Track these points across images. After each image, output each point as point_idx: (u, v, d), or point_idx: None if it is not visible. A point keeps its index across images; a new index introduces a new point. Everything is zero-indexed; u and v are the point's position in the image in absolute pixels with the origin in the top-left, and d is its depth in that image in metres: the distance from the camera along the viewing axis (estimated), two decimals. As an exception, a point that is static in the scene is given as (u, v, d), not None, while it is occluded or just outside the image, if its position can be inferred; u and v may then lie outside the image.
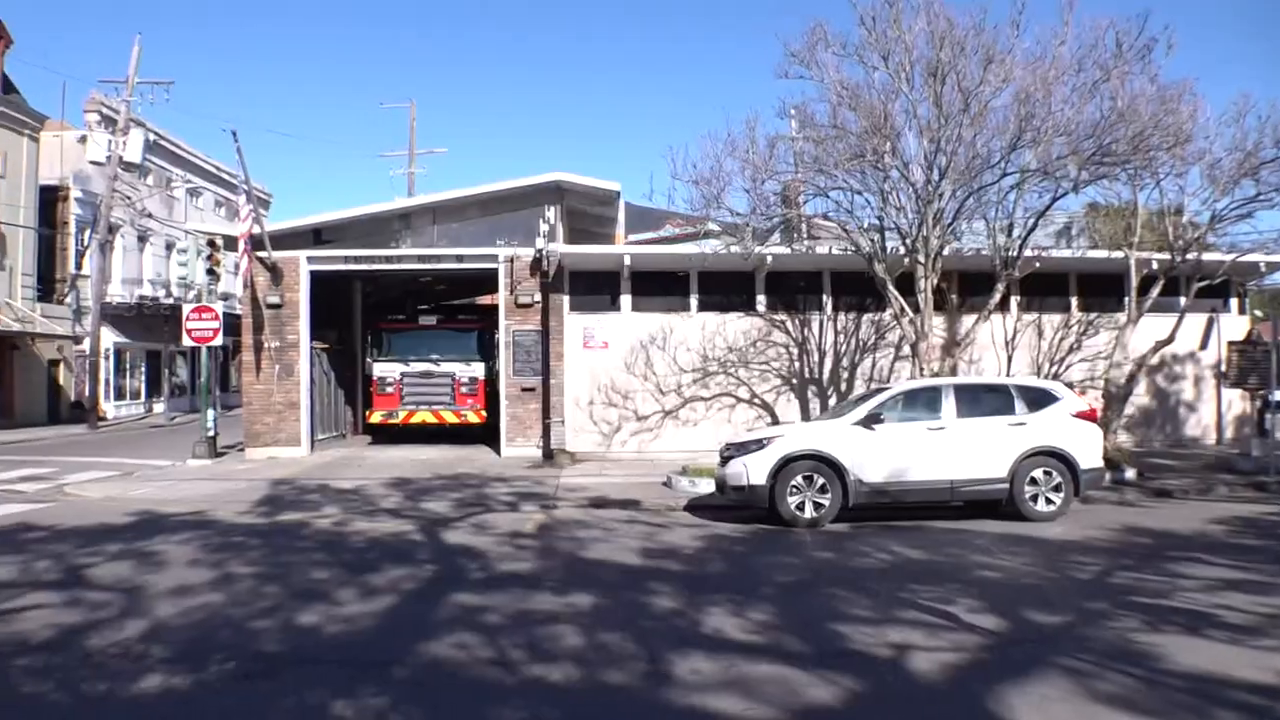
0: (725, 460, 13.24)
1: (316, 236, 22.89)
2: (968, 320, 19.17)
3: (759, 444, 12.90)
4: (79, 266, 39.70)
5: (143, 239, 44.66)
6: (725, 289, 21.27)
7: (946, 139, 15.61)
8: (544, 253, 20.91)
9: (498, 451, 21.95)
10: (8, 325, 34.19)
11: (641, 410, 21.09)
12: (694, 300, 21.28)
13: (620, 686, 6.04)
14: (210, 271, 23.19)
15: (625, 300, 21.23)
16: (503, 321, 22.05)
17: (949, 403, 13.12)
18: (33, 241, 36.78)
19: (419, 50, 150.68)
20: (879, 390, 14.18)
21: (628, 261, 20.76)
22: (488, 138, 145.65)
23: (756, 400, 21.16)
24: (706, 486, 14.80)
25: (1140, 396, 21.17)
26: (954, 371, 17.48)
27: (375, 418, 25.45)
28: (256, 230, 21.58)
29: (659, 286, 21.30)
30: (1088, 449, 13.09)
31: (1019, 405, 13.22)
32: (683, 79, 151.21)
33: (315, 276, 22.66)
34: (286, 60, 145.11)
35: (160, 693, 6.01)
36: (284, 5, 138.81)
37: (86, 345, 36.51)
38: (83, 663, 6.66)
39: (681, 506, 14.23)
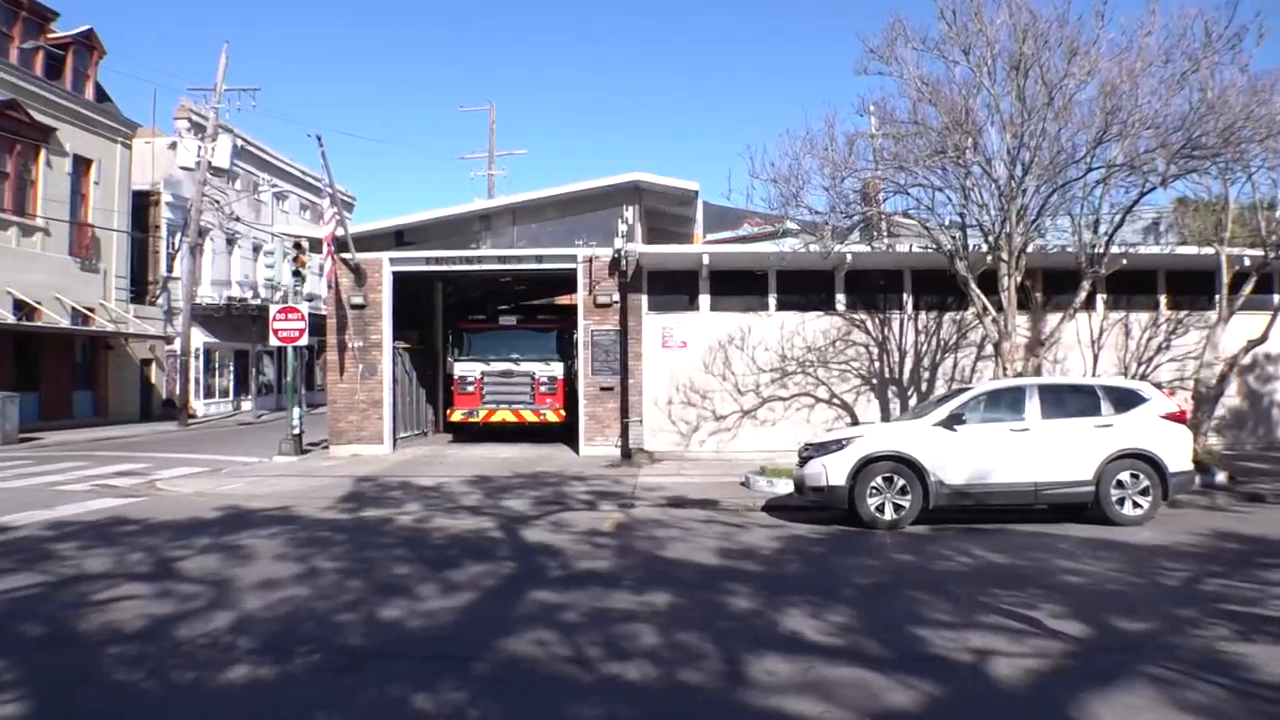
0: (804, 461, 13.16)
1: (399, 238, 23.25)
2: (1052, 319, 18.80)
3: (838, 444, 12.80)
4: (170, 269, 40.93)
5: (231, 242, 45.78)
6: (804, 288, 21.15)
7: (1030, 134, 15.34)
8: (622, 253, 20.99)
9: (576, 450, 22.09)
10: (103, 326, 35.32)
11: (720, 410, 21.06)
12: (773, 299, 21.20)
13: (697, 686, 6.05)
14: (296, 273, 23.67)
15: (704, 300, 21.22)
16: (581, 321, 22.18)
17: (1033, 403, 12.87)
18: (126, 245, 38.00)
19: (498, 52, 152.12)
20: (961, 390, 13.98)
21: (706, 261, 20.75)
22: (566, 139, 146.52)
23: (836, 400, 21.01)
24: (785, 487, 14.74)
25: (1231, 398, 20.60)
26: (1038, 371, 17.18)
27: (456, 416, 25.75)
28: (340, 232, 22.00)
29: (737, 286, 21.25)
30: (1177, 451, 12.75)
31: (1105, 406, 12.92)
32: (761, 78, 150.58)
33: (397, 277, 23.04)
34: (368, 65, 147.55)
35: (247, 683, 6.17)
36: (366, 10, 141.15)
37: (177, 345, 37.53)
38: (172, 652, 6.86)
39: (759, 507, 14.18)
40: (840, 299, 21.18)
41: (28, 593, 8.81)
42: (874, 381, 21.11)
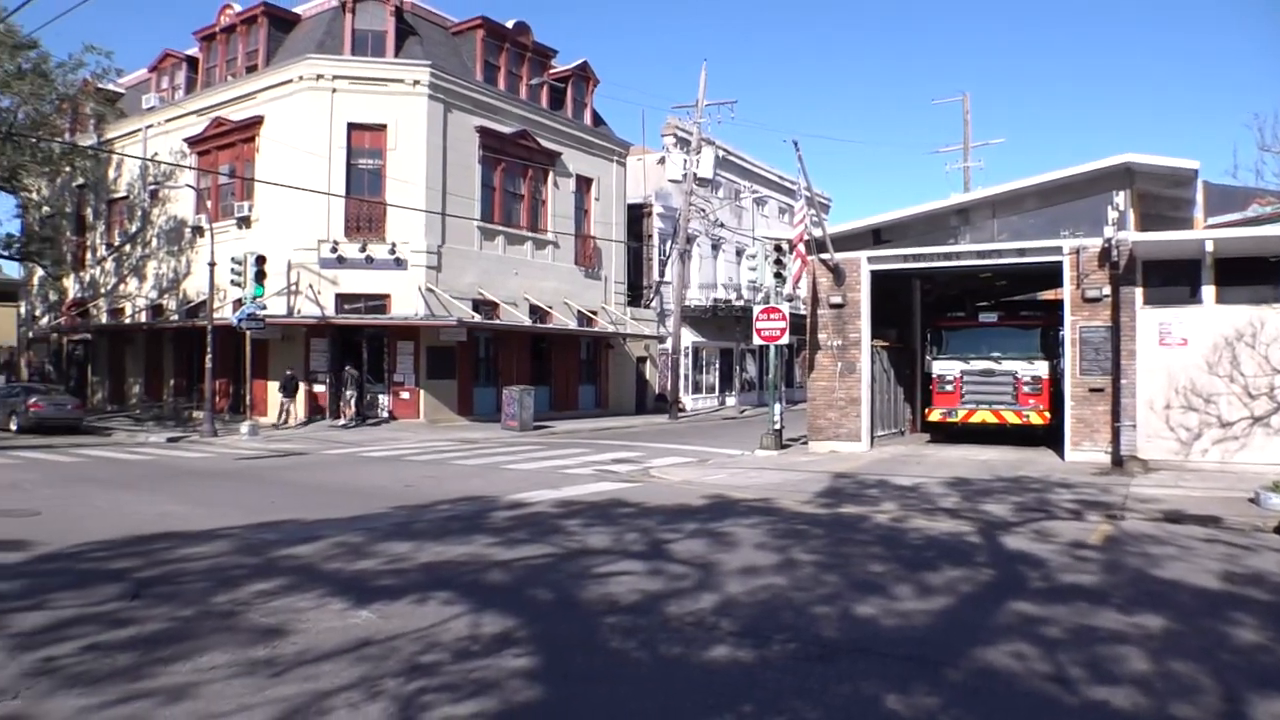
0: (1330, 476, 11.59)
1: (875, 237, 23.32)
2: None
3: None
4: (661, 274, 44.02)
5: (715, 247, 48.27)
6: (1331, 276, 18.55)
7: None
8: (1113, 242, 19.58)
9: (1060, 455, 20.94)
10: (604, 327, 38.72)
11: (1225, 416, 19.00)
12: (1291, 290, 18.79)
13: (1191, 722, 5.55)
14: (777, 275, 24.46)
15: (1206, 291, 19.21)
16: (1068, 317, 20.95)
17: None
18: (622, 254, 41.58)
19: (973, 42, 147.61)
20: None
21: (1209, 248, 18.76)
22: (1049, 121, 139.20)
23: (1374, 407, 18.24)
24: (1305, 505, 13.07)
25: None
26: None
27: (934, 416, 25.26)
28: (818, 234, 22.51)
29: (1247, 275, 18.97)
30: None
31: None
32: (1269, 37, 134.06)
33: (875, 276, 23.12)
34: (840, 66, 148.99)
35: (727, 663, 6.51)
36: (834, 14, 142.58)
37: (669, 344, 40.24)
38: (661, 626, 7.41)
39: (1271, 527, 12.61)
40: (1378, 288, 18.34)
41: (539, 562, 9.90)
42: None
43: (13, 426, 29.94)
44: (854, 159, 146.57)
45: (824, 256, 22.80)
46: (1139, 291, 19.62)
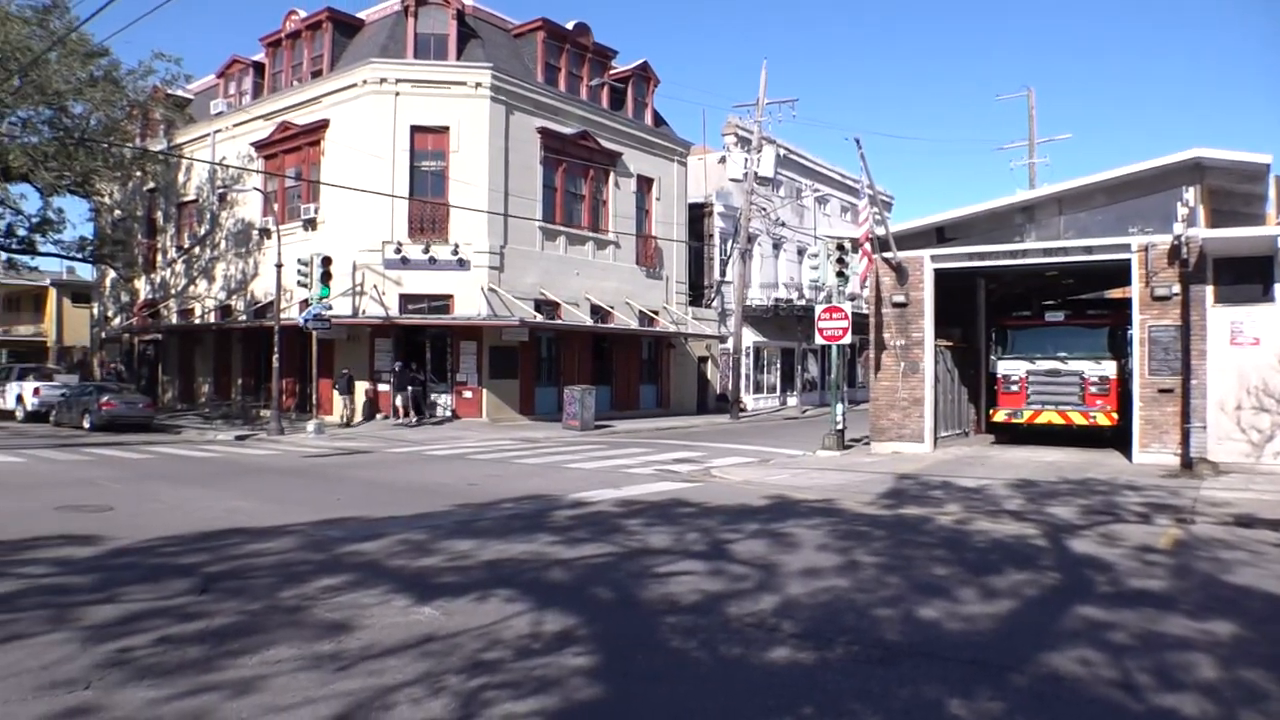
0: None
1: (939, 235, 23.05)
2: None
3: None
4: (722, 273, 44.03)
5: (777, 246, 48.14)
6: None
7: None
8: (1182, 239, 19.15)
9: (1128, 457, 20.55)
10: (665, 327, 38.77)
11: (1299, 418, 18.54)
12: (1374, 289, 18.24)
13: (1264, 727, 5.42)
14: (840, 274, 24.29)
15: (1279, 289, 18.77)
16: (1136, 316, 20.52)
17: None
18: (683, 253, 41.62)
19: (1037, 38, 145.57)
20: None
21: (1283, 244, 18.34)
22: (1116, 117, 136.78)
23: None
24: (1385, 508, 12.68)
25: None
26: None
27: (999, 417, 24.93)
28: (881, 232, 22.31)
29: (1326, 272, 18.55)
30: None
31: None
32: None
33: (938, 274, 22.83)
34: (901, 62, 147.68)
35: (787, 664, 6.48)
36: (896, 9, 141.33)
37: (730, 344, 40.24)
38: (722, 627, 7.39)
39: (1349, 531, 12.31)
40: None
41: (600, 561, 9.94)
42: None
43: (86, 424, 30.73)
44: (917, 156, 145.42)
45: (887, 255, 22.59)
46: (1209, 289, 19.19)
